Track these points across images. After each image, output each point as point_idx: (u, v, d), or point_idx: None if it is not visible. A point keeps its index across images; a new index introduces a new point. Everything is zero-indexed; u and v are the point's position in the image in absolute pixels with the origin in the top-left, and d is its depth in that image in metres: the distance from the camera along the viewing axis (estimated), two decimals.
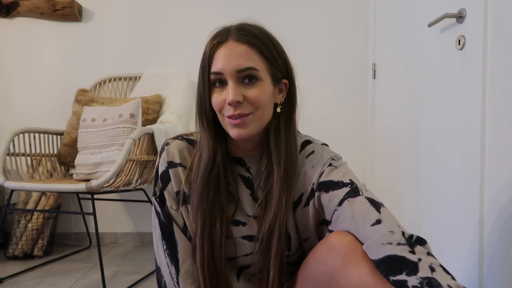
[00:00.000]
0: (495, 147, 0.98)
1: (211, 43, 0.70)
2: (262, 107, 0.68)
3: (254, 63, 0.67)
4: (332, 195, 0.68)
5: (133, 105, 1.68)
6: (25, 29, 2.13)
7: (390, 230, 0.58)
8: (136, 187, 1.69)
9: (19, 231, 1.84)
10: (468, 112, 1.08)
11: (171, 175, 0.75)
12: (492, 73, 1.00)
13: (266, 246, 0.71)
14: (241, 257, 0.76)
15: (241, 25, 0.70)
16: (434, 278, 0.50)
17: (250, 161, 0.77)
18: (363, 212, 0.63)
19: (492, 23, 1.00)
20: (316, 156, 0.75)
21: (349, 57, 2.08)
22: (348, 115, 2.08)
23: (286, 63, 0.74)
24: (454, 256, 1.13)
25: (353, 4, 2.07)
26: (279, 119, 0.73)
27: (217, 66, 0.67)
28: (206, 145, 0.72)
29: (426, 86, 1.36)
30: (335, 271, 0.61)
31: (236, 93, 0.66)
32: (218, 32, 0.70)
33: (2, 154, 1.59)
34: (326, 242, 0.65)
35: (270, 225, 0.70)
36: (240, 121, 0.67)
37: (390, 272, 0.54)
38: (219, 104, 0.68)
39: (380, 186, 1.82)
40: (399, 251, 0.55)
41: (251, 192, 0.76)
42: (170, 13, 2.13)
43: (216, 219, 0.72)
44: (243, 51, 0.67)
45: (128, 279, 1.58)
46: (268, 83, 0.69)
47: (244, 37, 0.67)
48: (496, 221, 0.97)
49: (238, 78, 0.67)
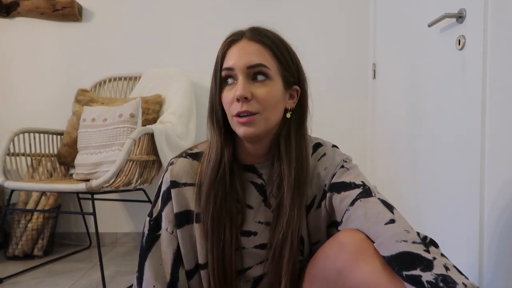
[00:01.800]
0: (495, 147, 0.98)
1: (225, 42, 0.71)
2: (269, 108, 0.68)
3: (266, 61, 0.68)
4: (344, 196, 0.69)
5: (133, 105, 1.68)
6: (25, 29, 2.13)
7: (405, 229, 0.59)
8: (136, 187, 1.69)
9: (19, 231, 1.84)
10: (468, 112, 1.08)
11: (173, 195, 0.73)
12: (492, 73, 1.00)
13: (279, 254, 0.70)
14: (255, 265, 0.75)
15: (256, 27, 0.71)
16: (449, 275, 0.50)
17: (262, 167, 0.76)
18: (376, 212, 0.63)
19: (492, 23, 1.00)
20: (328, 158, 0.76)
21: (349, 57, 2.07)
22: (348, 115, 2.08)
23: (298, 69, 0.74)
24: (453, 255, 1.13)
25: (353, 4, 2.07)
26: (289, 126, 0.73)
27: (229, 63, 0.68)
28: (214, 146, 0.72)
29: (426, 86, 1.36)
30: (344, 267, 0.60)
31: (245, 88, 0.66)
32: (233, 33, 0.72)
33: (2, 154, 1.59)
34: (336, 239, 0.65)
35: (283, 234, 0.70)
36: (247, 120, 0.66)
37: (403, 267, 0.53)
38: (228, 101, 0.68)
39: (380, 185, 1.80)
40: (414, 249, 0.54)
41: (263, 198, 0.76)
42: (170, 13, 2.13)
43: (225, 225, 0.71)
44: (255, 49, 0.68)
45: (128, 279, 1.58)
46: (279, 84, 0.70)
47: (258, 36, 0.69)
48: (496, 219, 0.97)
49: (249, 75, 0.67)
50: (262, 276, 0.75)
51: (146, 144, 1.60)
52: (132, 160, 1.52)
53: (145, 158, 1.60)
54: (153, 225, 0.75)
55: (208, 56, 2.09)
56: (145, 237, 0.75)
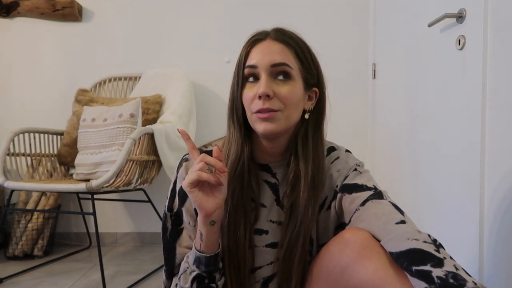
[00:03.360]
0: (495, 147, 0.98)
1: (249, 41, 0.71)
2: (291, 106, 0.69)
3: (289, 61, 0.69)
4: (355, 197, 0.69)
5: (133, 105, 1.68)
6: (25, 29, 2.13)
7: (416, 230, 0.59)
8: (136, 187, 1.69)
9: (19, 231, 1.84)
10: (468, 112, 1.08)
11: None
12: (492, 73, 1.00)
13: (289, 253, 0.71)
14: (265, 266, 0.76)
15: (280, 28, 0.73)
16: (459, 274, 0.50)
17: (276, 167, 0.77)
18: (387, 213, 0.64)
19: (492, 23, 1.00)
20: (341, 161, 0.76)
21: (349, 57, 2.08)
22: (348, 115, 2.08)
23: (318, 72, 0.75)
24: (453, 256, 1.13)
25: (353, 4, 2.07)
26: (307, 127, 0.74)
27: (252, 61, 0.69)
28: (234, 142, 0.73)
29: (426, 86, 1.36)
30: (348, 265, 0.60)
31: (268, 86, 0.66)
32: (257, 32, 0.72)
33: (2, 154, 1.59)
34: (341, 237, 0.65)
35: (295, 233, 0.70)
36: (269, 115, 0.67)
37: (413, 263, 0.52)
38: (249, 98, 0.69)
39: (380, 185, 1.81)
40: (425, 247, 0.54)
41: (276, 197, 0.76)
42: (170, 13, 2.13)
43: (240, 222, 0.72)
44: (279, 48, 0.69)
45: (128, 279, 1.58)
46: (300, 85, 0.70)
47: (282, 37, 0.70)
48: (496, 220, 0.97)
49: (271, 73, 0.68)
50: (272, 277, 0.76)
51: (146, 144, 1.60)
52: (132, 160, 1.52)
53: (145, 158, 1.61)
54: (175, 220, 0.77)
55: (208, 56, 2.11)
56: (169, 231, 0.76)
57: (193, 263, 0.68)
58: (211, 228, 0.66)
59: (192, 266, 0.68)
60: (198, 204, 0.63)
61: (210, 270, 0.68)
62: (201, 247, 0.67)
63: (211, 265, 0.68)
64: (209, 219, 0.65)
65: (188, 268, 0.69)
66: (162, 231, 0.77)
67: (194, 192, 0.63)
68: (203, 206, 0.64)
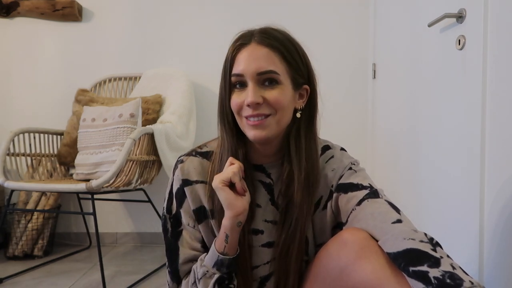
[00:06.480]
0: (495, 147, 0.98)
1: (234, 45, 0.70)
2: (282, 109, 0.68)
3: (275, 66, 0.67)
4: (351, 196, 0.69)
5: (133, 105, 1.68)
6: (25, 29, 2.13)
7: (412, 229, 0.59)
8: (136, 187, 1.69)
9: (19, 231, 1.84)
10: (468, 112, 1.08)
11: (187, 193, 0.74)
12: (492, 73, 1.00)
13: (285, 252, 0.72)
14: (261, 265, 0.76)
15: (265, 29, 0.70)
16: (456, 273, 0.50)
17: (271, 167, 0.77)
18: (384, 212, 0.64)
19: (492, 23, 1.00)
20: (336, 160, 0.76)
21: (349, 57, 2.08)
22: (348, 115, 2.08)
23: (308, 69, 0.74)
24: (453, 256, 1.13)
25: (354, 4, 2.07)
26: (299, 125, 0.73)
27: (238, 68, 0.68)
28: (227, 146, 0.72)
29: (426, 86, 1.36)
30: (347, 265, 0.60)
31: (256, 95, 0.66)
32: (241, 34, 0.71)
33: (2, 154, 1.59)
34: (339, 237, 0.65)
35: (291, 232, 0.71)
36: (259, 122, 0.67)
37: (410, 263, 0.53)
38: (238, 105, 0.68)
39: (380, 184, 1.81)
40: (421, 247, 0.54)
41: (271, 197, 0.76)
42: (170, 13, 2.13)
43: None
44: (264, 54, 0.67)
45: (128, 279, 1.58)
46: (288, 87, 0.69)
47: (267, 40, 0.68)
48: (497, 221, 0.97)
49: (258, 81, 0.67)
50: (268, 276, 0.76)
51: (146, 144, 1.60)
52: (132, 160, 1.52)
53: (145, 158, 1.61)
54: (173, 222, 0.77)
55: (208, 56, 2.11)
56: (170, 232, 0.77)
57: (213, 265, 0.68)
58: (237, 230, 0.67)
59: (212, 269, 0.68)
60: (228, 202, 0.64)
61: (231, 271, 0.69)
62: (225, 250, 0.68)
63: (232, 266, 0.69)
64: (237, 219, 0.66)
65: (207, 272, 0.69)
66: (163, 232, 0.78)
67: (226, 190, 0.64)
68: (233, 204, 0.65)
